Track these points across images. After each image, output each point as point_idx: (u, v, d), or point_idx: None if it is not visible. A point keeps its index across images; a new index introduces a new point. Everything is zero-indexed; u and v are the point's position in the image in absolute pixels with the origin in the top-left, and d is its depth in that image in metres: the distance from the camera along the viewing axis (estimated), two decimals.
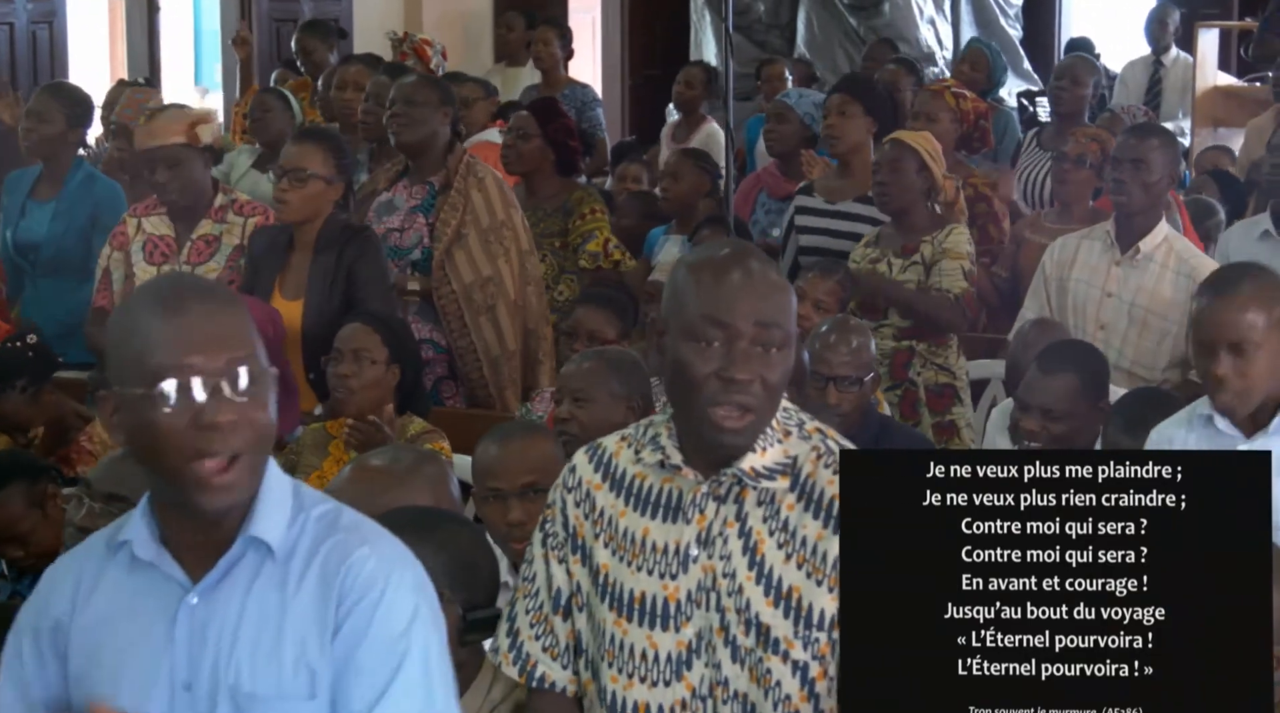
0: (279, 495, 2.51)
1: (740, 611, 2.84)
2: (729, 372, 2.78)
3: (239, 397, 2.40)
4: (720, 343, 2.79)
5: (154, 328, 2.41)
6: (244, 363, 2.42)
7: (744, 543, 2.85)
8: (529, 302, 6.13)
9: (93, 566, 2.57)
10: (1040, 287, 5.95)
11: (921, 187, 6.01)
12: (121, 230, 5.99)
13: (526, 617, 3.04)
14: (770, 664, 2.83)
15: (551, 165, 6.91)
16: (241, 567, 2.49)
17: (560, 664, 3.02)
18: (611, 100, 12.42)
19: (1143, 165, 5.68)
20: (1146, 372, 5.70)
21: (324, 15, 11.76)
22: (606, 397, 4.54)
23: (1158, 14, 11.12)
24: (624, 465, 2.96)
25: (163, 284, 2.52)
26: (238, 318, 2.46)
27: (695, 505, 2.88)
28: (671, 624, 2.88)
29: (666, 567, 2.88)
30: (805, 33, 12.70)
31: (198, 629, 2.48)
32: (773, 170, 7.51)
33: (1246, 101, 10.27)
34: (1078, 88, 8.11)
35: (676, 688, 2.89)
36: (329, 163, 5.55)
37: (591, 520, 2.96)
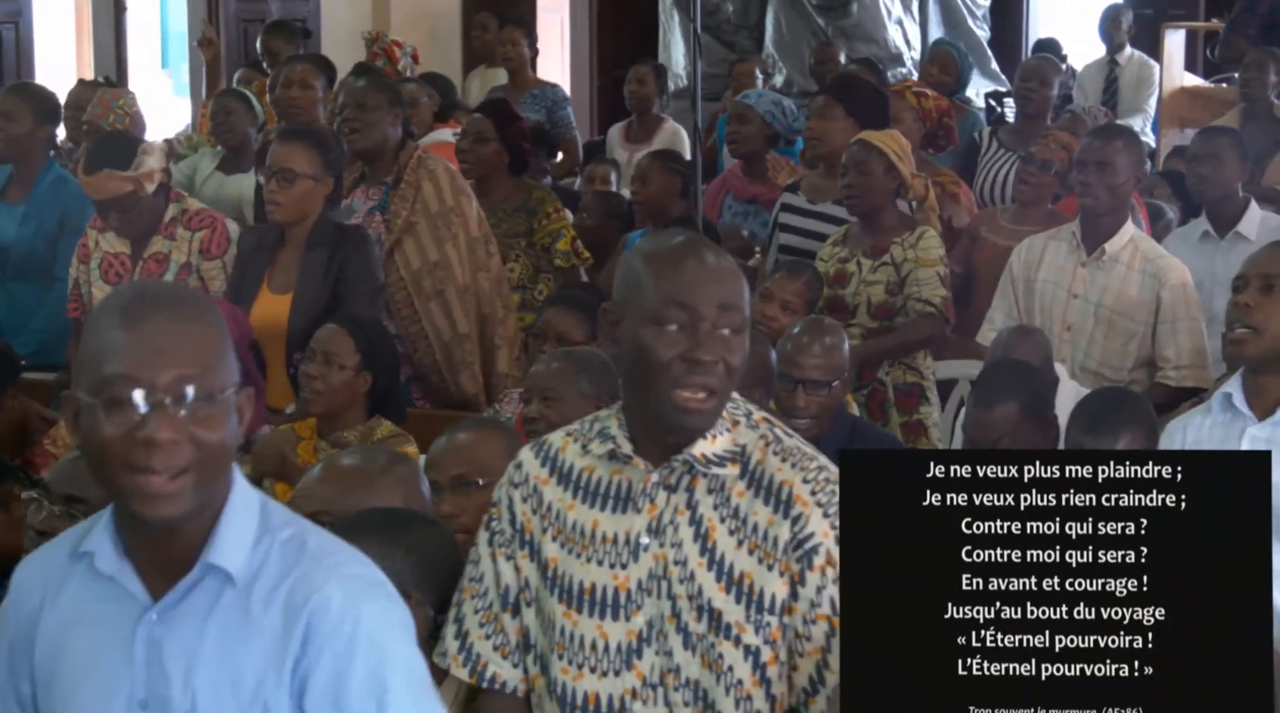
0: (243, 518, 2.47)
1: (692, 597, 2.87)
2: (694, 354, 2.81)
3: (183, 414, 2.36)
4: (682, 326, 2.82)
5: (109, 337, 2.39)
6: (193, 381, 2.37)
7: (695, 530, 2.88)
8: (480, 286, 6.12)
9: (57, 573, 2.54)
10: (1008, 287, 5.97)
11: (890, 186, 6.02)
12: (84, 242, 5.98)
13: (475, 616, 3.04)
14: (722, 649, 2.86)
15: (505, 167, 6.92)
16: (201, 591, 2.45)
17: (511, 663, 3.03)
18: (580, 100, 12.42)
19: (1108, 168, 5.70)
20: (1113, 373, 5.72)
21: (291, 15, 11.74)
22: (576, 396, 4.54)
23: (1111, 13, 11.18)
24: (571, 460, 2.98)
25: (129, 292, 2.49)
26: (197, 334, 2.41)
27: (645, 495, 2.91)
28: (622, 614, 2.90)
29: (617, 557, 2.90)
30: (773, 33, 12.71)
31: (155, 649, 2.45)
32: (736, 172, 7.51)
33: (1213, 102, 10.30)
34: (1044, 88, 8.14)
35: (627, 677, 2.91)
36: (315, 161, 5.55)
37: (539, 515, 2.97)
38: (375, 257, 5.72)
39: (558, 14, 13.80)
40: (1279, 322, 4.03)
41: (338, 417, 4.85)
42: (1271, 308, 4.02)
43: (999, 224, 6.73)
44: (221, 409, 2.39)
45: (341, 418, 4.85)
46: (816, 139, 6.66)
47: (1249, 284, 4.07)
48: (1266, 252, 4.19)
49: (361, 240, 5.66)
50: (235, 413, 2.42)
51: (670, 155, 7.76)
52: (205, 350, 2.40)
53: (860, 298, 5.96)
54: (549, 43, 11.18)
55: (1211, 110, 10.00)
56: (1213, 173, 6.40)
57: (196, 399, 2.36)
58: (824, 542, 2.84)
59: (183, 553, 2.45)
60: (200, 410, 2.37)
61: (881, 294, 5.93)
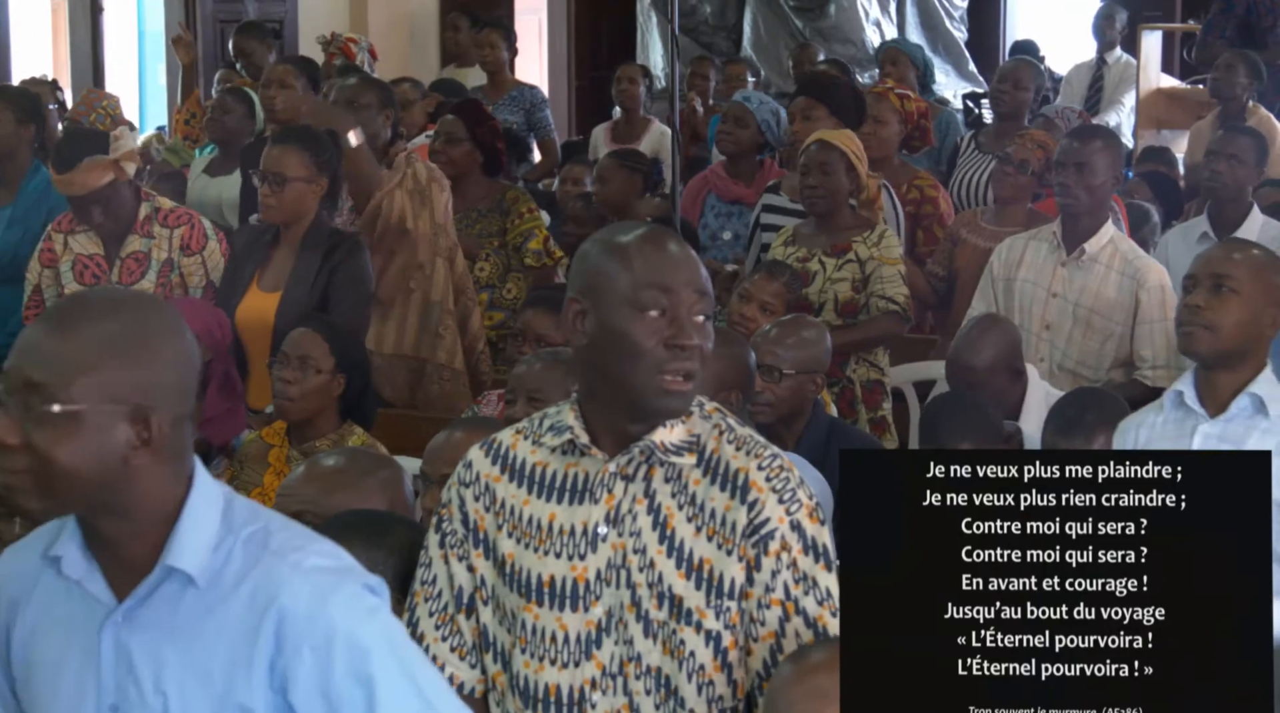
0: (204, 517, 2.46)
1: (653, 584, 2.87)
2: (678, 339, 2.83)
3: (16, 422, 2.36)
4: (663, 311, 2.83)
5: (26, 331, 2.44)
6: (35, 394, 2.36)
7: (653, 519, 2.89)
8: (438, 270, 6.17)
9: (31, 572, 2.54)
10: (988, 286, 5.99)
11: (849, 187, 6.07)
12: (49, 247, 5.94)
13: (430, 619, 3.03)
14: (684, 635, 2.87)
15: (479, 168, 6.91)
16: (163, 593, 2.45)
17: (468, 664, 3.02)
18: (558, 101, 12.42)
19: (1086, 168, 5.72)
20: (1091, 372, 5.74)
21: (268, 17, 11.73)
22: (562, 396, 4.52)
23: (1106, 10, 11.19)
24: (523, 456, 2.98)
25: (70, 298, 2.50)
26: (76, 346, 2.39)
27: (603, 485, 2.91)
28: (581, 604, 2.90)
29: (575, 548, 2.90)
30: (751, 34, 12.72)
31: (124, 652, 2.45)
32: (720, 172, 7.48)
33: (1189, 103, 10.34)
34: (1019, 91, 8.15)
35: (586, 668, 2.91)
36: (306, 163, 5.54)
37: (493, 513, 2.97)
38: (367, 263, 5.72)
39: (535, 15, 13.80)
40: (1229, 320, 4.04)
41: (310, 423, 4.83)
42: (1221, 307, 4.04)
43: (979, 226, 6.75)
44: (57, 432, 2.36)
45: (314, 425, 4.82)
46: (801, 140, 6.66)
47: (1199, 284, 4.09)
48: (1217, 251, 4.21)
49: (355, 247, 5.66)
50: (108, 434, 2.38)
51: (630, 154, 7.75)
52: (71, 367, 2.37)
53: (826, 296, 6.00)
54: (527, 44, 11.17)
55: (1188, 111, 10.04)
56: (1230, 171, 6.43)
57: (27, 412, 2.36)
58: (779, 527, 2.86)
59: (143, 555, 2.45)
60: (28, 424, 2.36)
61: (848, 291, 5.97)
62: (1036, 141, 6.85)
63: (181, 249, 5.79)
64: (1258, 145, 6.60)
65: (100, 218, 5.77)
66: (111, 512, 2.43)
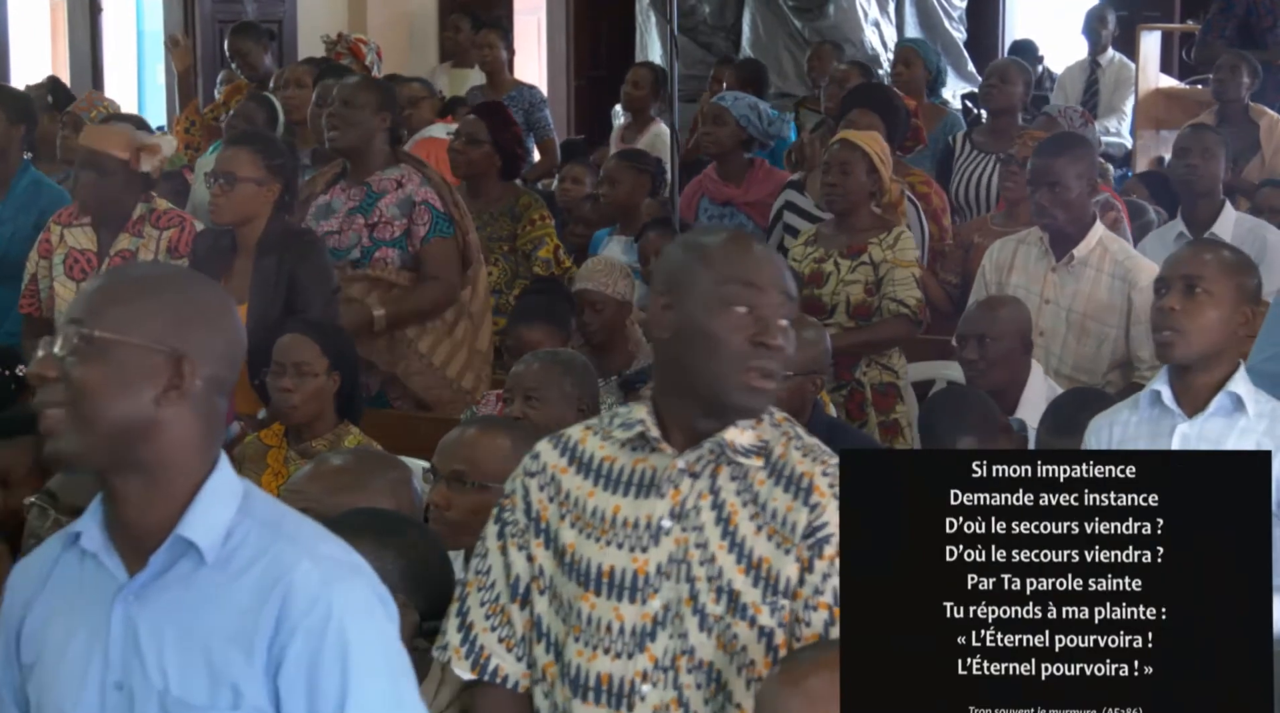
0: (222, 497, 2.49)
1: (712, 579, 2.89)
2: (763, 337, 2.88)
3: (57, 357, 2.44)
4: (750, 308, 2.87)
5: None
6: (73, 327, 2.45)
7: (717, 514, 2.91)
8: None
9: (51, 556, 2.57)
10: (982, 289, 5.98)
11: (870, 188, 6.05)
12: (46, 238, 5.96)
13: (481, 609, 3.04)
14: (738, 630, 2.89)
15: (497, 170, 6.91)
16: (176, 572, 2.47)
17: (515, 657, 3.03)
18: (556, 101, 12.42)
19: (1059, 186, 5.74)
20: (1088, 377, 5.73)
21: (267, 17, 11.73)
22: (559, 396, 4.55)
23: (1097, 12, 11.19)
24: (591, 450, 3.00)
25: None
26: (117, 285, 2.51)
27: (670, 481, 2.93)
28: (639, 597, 2.91)
29: (637, 540, 2.92)
30: (750, 35, 12.71)
31: (131, 628, 2.47)
32: (712, 175, 7.48)
33: (1188, 103, 10.33)
34: (1006, 85, 8.17)
35: (639, 659, 2.92)
36: (257, 165, 5.53)
37: (557, 503, 2.98)
38: (327, 259, 5.69)
39: (534, 15, 13.80)
40: (1202, 323, 4.04)
41: (308, 424, 4.83)
42: (1194, 310, 4.03)
43: (990, 229, 6.76)
44: (91, 359, 2.43)
45: (311, 425, 4.83)
46: None
47: (1171, 287, 4.08)
48: (1187, 252, 4.21)
49: (309, 244, 5.64)
50: (141, 371, 2.44)
51: (638, 155, 7.75)
52: (106, 306, 2.47)
53: (839, 297, 5.99)
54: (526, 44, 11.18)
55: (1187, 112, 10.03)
56: (1203, 165, 6.44)
57: (70, 343, 2.43)
58: (836, 533, 2.88)
59: (158, 528, 2.47)
60: (69, 354, 2.43)
61: (860, 293, 5.96)
62: (1036, 139, 6.85)
63: (169, 251, 5.79)
64: (1223, 140, 6.62)
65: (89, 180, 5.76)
66: (137, 468, 2.45)
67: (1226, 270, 4.08)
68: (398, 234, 6.01)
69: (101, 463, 2.46)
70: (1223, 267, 4.09)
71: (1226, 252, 4.19)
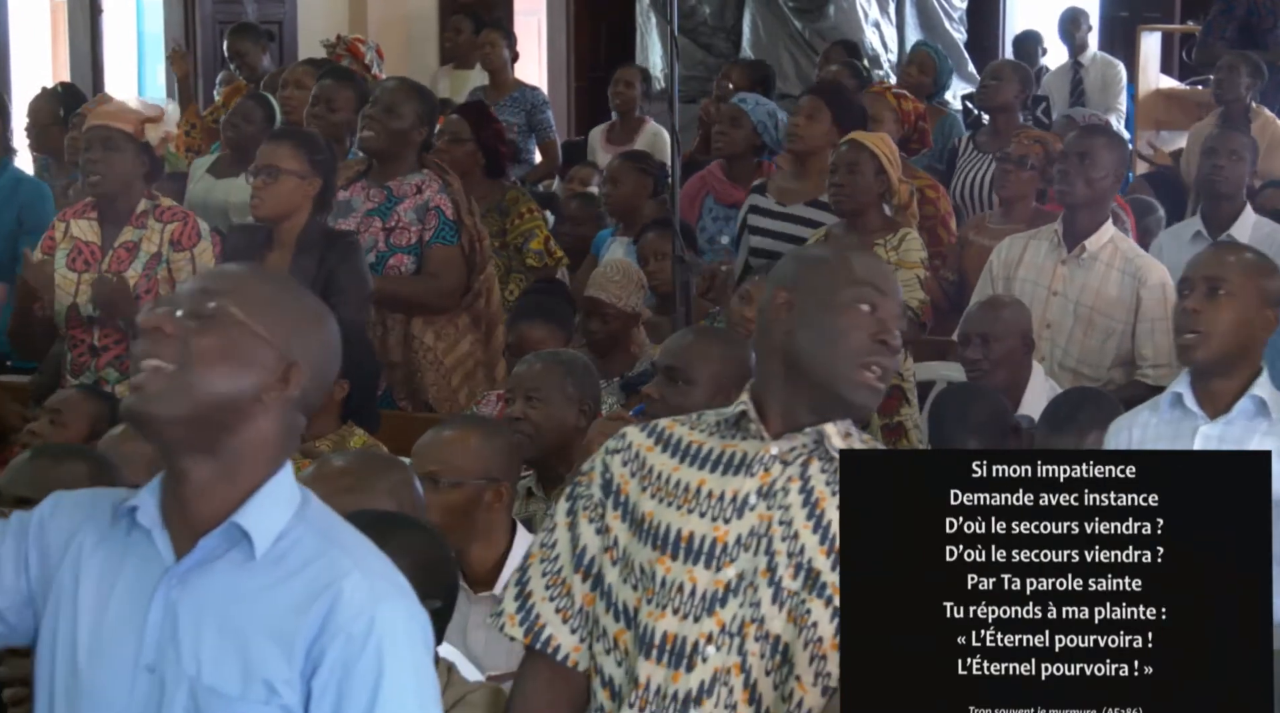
0: (282, 497, 2.52)
1: (793, 554, 2.90)
2: (884, 336, 2.95)
3: (179, 318, 2.46)
4: (874, 308, 2.95)
5: None
6: (200, 295, 2.48)
7: (805, 497, 2.92)
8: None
9: (97, 523, 2.56)
10: (988, 285, 5.99)
11: (878, 190, 6.05)
12: (50, 235, 5.95)
13: (542, 579, 3.04)
14: (811, 605, 2.88)
15: (481, 169, 6.92)
16: (226, 559, 2.48)
17: (569, 628, 3.02)
18: (556, 102, 12.40)
19: (1087, 159, 5.74)
20: (1092, 371, 5.74)
21: (267, 18, 11.74)
22: (560, 397, 4.56)
23: (1070, 14, 11.23)
24: (679, 435, 3.03)
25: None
26: (244, 278, 2.57)
27: (761, 464, 2.95)
28: (714, 564, 2.92)
29: (720, 511, 2.93)
30: (750, 35, 12.71)
31: (170, 613, 2.47)
32: (718, 173, 7.46)
33: (1188, 104, 10.35)
34: (999, 83, 8.19)
35: (706, 622, 2.91)
36: (300, 158, 5.55)
37: (639, 477, 3.00)
38: (364, 262, 5.72)
39: (535, 16, 13.80)
40: (1224, 325, 4.03)
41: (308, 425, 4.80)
42: (1216, 312, 4.03)
43: (986, 227, 6.77)
44: (214, 327, 2.46)
45: (312, 426, 4.80)
46: (798, 137, 6.68)
47: (1194, 288, 4.08)
48: (1210, 254, 4.21)
49: (350, 246, 5.66)
50: (253, 359, 2.47)
51: (641, 156, 7.76)
52: (239, 281, 2.54)
53: None
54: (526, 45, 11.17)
55: (1188, 113, 10.04)
56: (1229, 167, 6.45)
57: (195, 308, 2.46)
58: None
59: (211, 517, 2.48)
60: (194, 316, 2.46)
61: None
62: (1033, 138, 6.88)
63: (172, 244, 5.80)
64: (1253, 145, 6.63)
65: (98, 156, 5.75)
66: (209, 451, 2.47)
67: (1250, 272, 4.07)
68: (413, 241, 6.03)
69: (183, 437, 2.47)
70: (1246, 269, 4.08)
71: (1250, 254, 4.18)
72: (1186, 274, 4.14)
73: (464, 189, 6.77)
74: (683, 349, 4.39)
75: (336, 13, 12.43)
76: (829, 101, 6.74)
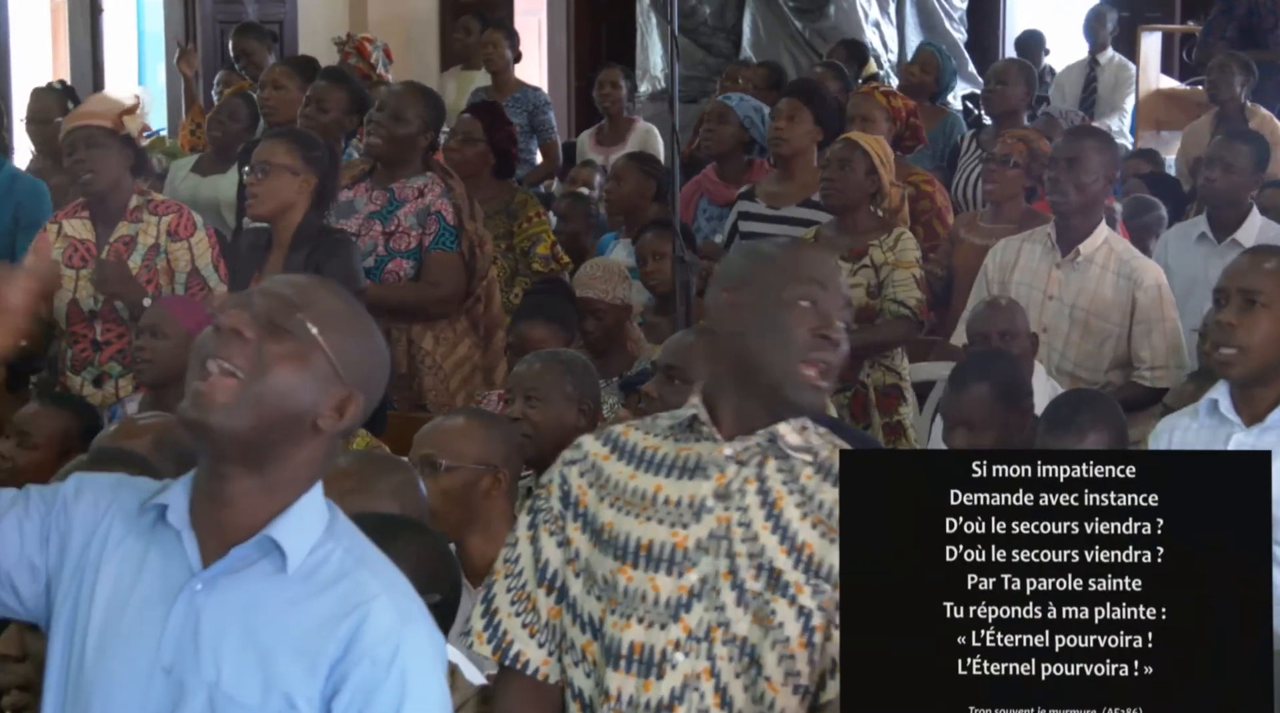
0: (312, 515, 2.52)
1: (753, 555, 2.90)
2: (824, 330, 2.93)
3: (246, 333, 2.44)
4: (814, 303, 2.94)
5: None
6: (284, 306, 2.47)
7: (762, 499, 2.93)
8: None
9: (124, 513, 2.55)
10: (982, 289, 5.98)
11: (869, 189, 6.07)
12: (43, 237, 5.96)
13: (507, 595, 3.04)
14: (776, 606, 2.89)
15: (491, 169, 6.92)
16: (255, 569, 2.48)
17: (538, 643, 3.03)
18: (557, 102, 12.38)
19: (1077, 164, 5.72)
20: (1089, 374, 5.73)
21: (267, 17, 11.73)
22: (560, 397, 4.56)
23: (1097, 11, 11.19)
24: (634, 441, 3.03)
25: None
26: (325, 295, 2.54)
27: (716, 465, 2.95)
28: (676, 570, 2.92)
29: (678, 517, 2.94)
30: (751, 35, 12.70)
31: (193, 617, 2.47)
32: (711, 176, 7.48)
33: (1188, 104, 10.35)
34: (1006, 88, 8.17)
35: (673, 629, 2.92)
36: (293, 154, 5.56)
37: (596, 488, 3.00)
38: (356, 259, 5.70)
39: (535, 16, 13.79)
40: (1262, 337, 3.99)
41: None
42: (1253, 324, 3.99)
43: (977, 225, 6.77)
44: (271, 351, 2.44)
45: None
46: (781, 140, 6.70)
47: (1230, 299, 4.04)
48: (1247, 262, 4.15)
49: (340, 242, 5.65)
50: (319, 385, 2.47)
51: (647, 158, 7.76)
52: (320, 301, 2.51)
53: None
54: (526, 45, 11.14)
55: (1187, 113, 10.04)
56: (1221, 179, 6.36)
57: (255, 328, 2.45)
58: None
59: (243, 528, 2.48)
60: (254, 339, 2.44)
61: (863, 297, 5.96)
62: (1016, 136, 6.89)
63: (169, 235, 5.81)
64: (1255, 150, 6.56)
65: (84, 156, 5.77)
66: (256, 465, 2.47)
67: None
68: (413, 245, 6.03)
69: (237, 449, 2.46)
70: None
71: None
72: (1221, 284, 4.09)
73: (472, 190, 6.78)
74: (683, 349, 4.40)
75: (336, 13, 12.43)
76: (807, 101, 6.76)
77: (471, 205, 6.20)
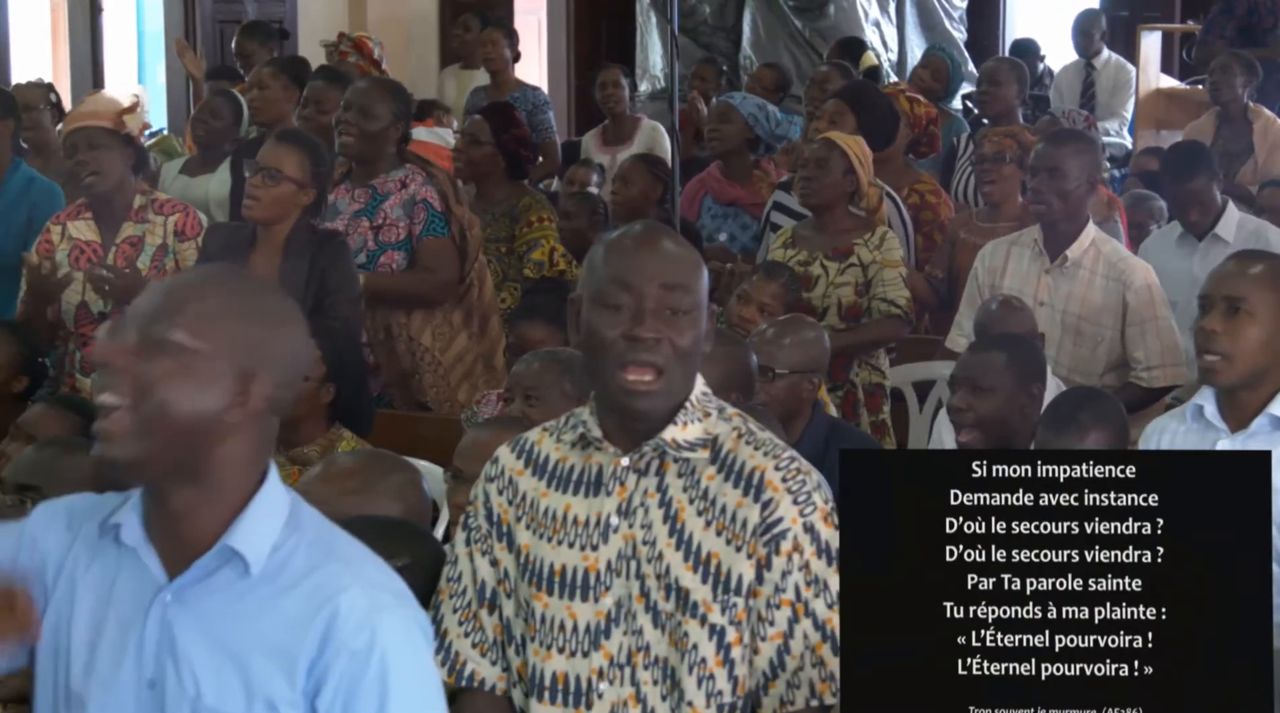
0: (272, 511, 2.49)
1: (660, 576, 2.89)
2: (634, 331, 2.86)
3: (127, 349, 2.41)
4: (625, 306, 2.87)
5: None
6: (151, 322, 2.42)
7: (665, 512, 2.91)
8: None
9: (87, 539, 2.54)
10: (974, 293, 5.96)
11: (847, 188, 6.08)
12: (46, 238, 5.94)
13: (454, 615, 3.05)
14: (688, 628, 2.89)
15: (502, 171, 6.90)
16: (218, 579, 2.47)
17: (489, 660, 3.04)
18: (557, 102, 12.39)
19: (1058, 173, 5.69)
20: (1084, 379, 5.70)
21: (267, 17, 11.72)
22: (559, 396, 4.54)
23: (1080, 24, 11.18)
24: (546, 451, 3.01)
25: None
26: (197, 289, 2.48)
27: (616, 479, 2.94)
28: (590, 595, 2.92)
29: (587, 539, 2.93)
30: (750, 35, 12.71)
31: (167, 630, 2.46)
32: (716, 174, 7.48)
33: (1189, 104, 10.35)
34: (998, 89, 8.18)
35: (595, 657, 2.92)
36: (304, 167, 5.49)
37: (514, 505, 3.00)
38: (354, 263, 5.69)
39: (535, 16, 13.79)
40: (1246, 344, 3.97)
41: (295, 429, 4.77)
42: (1238, 332, 3.97)
43: (974, 225, 6.76)
44: (175, 354, 2.42)
45: (299, 430, 4.76)
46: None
47: (1214, 306, 4.02)
48: (1231, 268, 4.11)
49: (340, 247, 5.62)
50: (212, 381, 2.43)
51: (654, 160, 7.76)
52: (188, 296, 2.47)
53: (829, 301, 6.00)
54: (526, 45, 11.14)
55: (1187, 112, 10.04)
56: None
57: (153, 331, 2.43)
58: (792, 528, 2.87)
59: (203, 536, 2.46)
60: (153, 345, 2.42)
61: (851, 296, 5.98)
62: (1003, 132, 6.89)
63: (176, 235, 5.81)
64: (1203, 153, 6.54)
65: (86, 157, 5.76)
66: (188, 478, 2.44)
67: (1271, 286, 4.00)
68: (402, 237, 6.01)
69: (157, 471, 2.44)
70: (1266, 283, 3.99)
71: (1271, 264, 4.10)
72: (1206, 290, 4.06)
73: (483, 191, 6.78)
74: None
75: (336, 13, 12.42)
76: (854, 107, 6.74)
77: (455, 189, 6.19)
